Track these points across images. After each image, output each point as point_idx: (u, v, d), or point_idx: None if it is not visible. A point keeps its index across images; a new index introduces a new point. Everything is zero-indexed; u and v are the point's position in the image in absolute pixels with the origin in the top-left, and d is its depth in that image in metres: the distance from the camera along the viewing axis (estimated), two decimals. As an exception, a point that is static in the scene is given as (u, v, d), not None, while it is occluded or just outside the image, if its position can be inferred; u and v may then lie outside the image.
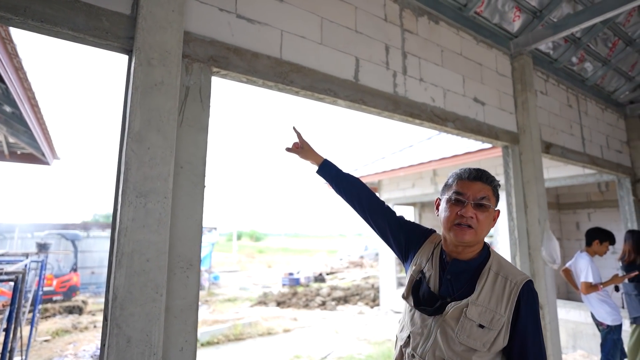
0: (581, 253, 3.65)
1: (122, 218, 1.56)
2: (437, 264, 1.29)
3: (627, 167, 5.89)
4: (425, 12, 3.24)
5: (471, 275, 1.21)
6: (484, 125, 3.48)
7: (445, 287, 1.24)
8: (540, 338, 1.13)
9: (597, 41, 4.66)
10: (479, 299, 1.15)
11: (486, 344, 1.10)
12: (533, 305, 1.14)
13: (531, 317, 1.12)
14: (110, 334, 1.48)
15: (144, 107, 1.67)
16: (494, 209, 1.26)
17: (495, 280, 1.17)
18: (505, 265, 1.22)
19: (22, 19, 1.56)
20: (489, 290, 1.16)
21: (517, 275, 1.18)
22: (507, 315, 1.11)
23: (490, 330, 1.11)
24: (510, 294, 1.13)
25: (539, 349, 1.11)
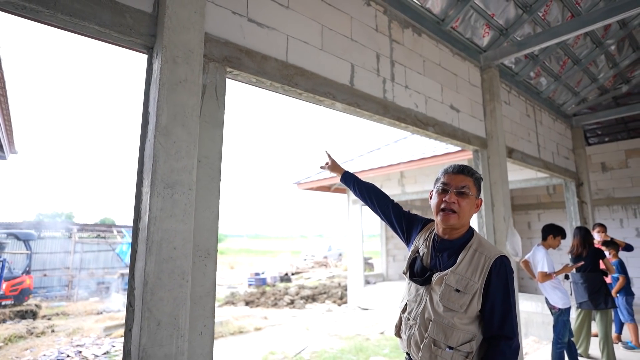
0: (538, 246, 4.09)
1: (151, 208, 1.64)
2: (430, 244, 1.55)
3: (573, 172, 6.58)
4: (410, 24, 3.51)
5: (455, 251, 1.44)
6: (459, 131, 3.82)
7: (434, 262, 1.49)
8: (510, 301, 1.31)
9: (551, 59, 5.22)
10: (457, 269, 1.37)
11: (462, 305, 1.32)
12: (503, 275, 1.33)
13: (501, 284, 1.32)
14: (142, 317, 1.55)
15: (170, 103, 1.76)
16: (475, 197, 1.49)
17: (473, 255, 1.39)
18: (485, 244, 1.44)
19: (52, 12, 1.59)
20: (467, 262, 1.38)
21: (492, 251, 1.39)
22: (480, 282, 1.33)
23: (465, 294, 1.33)
24: (484, 266, 1.35)
25: (508, 309, 1.30)
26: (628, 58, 5.81)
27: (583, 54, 5.36)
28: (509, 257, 1.35)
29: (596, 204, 7.97)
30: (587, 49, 5.29)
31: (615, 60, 5.78)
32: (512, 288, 1.34)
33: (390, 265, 11.04)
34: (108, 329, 7.57)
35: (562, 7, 4.37)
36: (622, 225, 7.90)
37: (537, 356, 4.91)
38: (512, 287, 1.34)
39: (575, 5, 4.37)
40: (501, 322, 1.30)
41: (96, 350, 6.39)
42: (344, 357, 5.93)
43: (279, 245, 47.70)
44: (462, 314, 1.32)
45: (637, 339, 4.75)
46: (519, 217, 9.44)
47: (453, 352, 1.32)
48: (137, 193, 1.79)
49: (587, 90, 6.36)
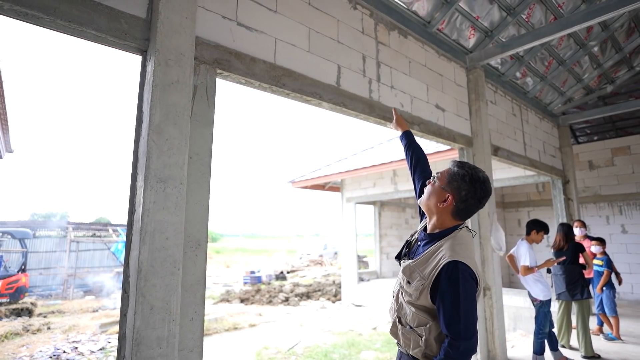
0: (521, 241, 4.23)
1: (145, 200, 1.76)
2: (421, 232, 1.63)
3: (559, 170, 6.75)
4: (396, 26, 3.64)
5: (428, 244, 1.47)
6: (444, 129, 3.96)
7: (414, 248, 1.57)
8: (457, 303, 1.29)
9: (536, 60, 5.37)
10: (415, 262, 1.43)
11: (412, 294, 1.39)
12: (454, 279, 1.31)
13: (448, 287, 1.31)
14: (136, 302, 1.67)
15: (162, 103, 1.87)
16: (440, 189, 1.47)
17: (433, 253, 1.41)
18: (452, 246, 1.39)
19: (52, 18, 1.71)
20: (425, 259, 1.41)
21: (448, 254, 1.35)
22: (428, 281, 1.35)
23: (412, 287, 1.39)
24: (435, 267, 1.35)
25: (455, 313, 1.29)
26: (611, 59, 5.97)
27: (567, 55, 5.52)
28: (471, 265, 1.35)
29: (583, 201, 8.16)
30: (571, 50, 5.45)
31: (599, 61, 5.94)
32: (465, 293, 1.30)
33: (384, 262, 11.18)
34: (104, 325, 7.66)
35: (545, 10, 4.52)
36: (608, 222, 8.09)
37: (523, 348, 5.06)
38: (466, 291, 1.30)
39: (558, 8, 4.52)
40: (447, 323, 1.30)
41: (92, 347, 6.48)
42: (336, 351, 6.07)
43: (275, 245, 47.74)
44: (415, 301, 1.39)
45: (617, 331, 4.92)
46: (509, 215, 9.61)
47: (412, 331, 1.43)
48: (131, 187, 1.90)
49: (573, 90, 6.53)
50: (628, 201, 7.86)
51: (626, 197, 7.80)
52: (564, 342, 4.63)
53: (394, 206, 11.57)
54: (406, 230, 11.85)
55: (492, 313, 4.06)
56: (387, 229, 11.44)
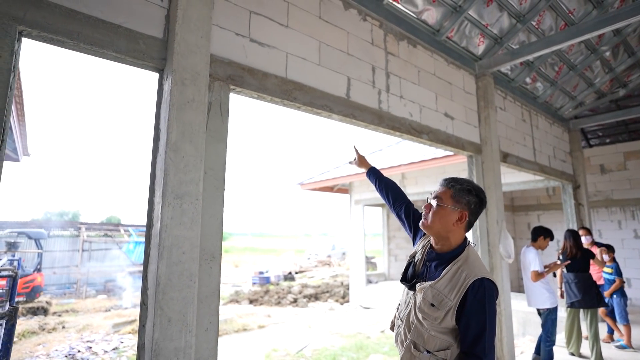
0: (528, 247, 4.22)
1: (162, 216, 1.83)
2: (425, 252, 1.63)
3: (570, 175, 6.70)
4: (405, 36, 3.67)
5: (442, 264, 1.47)
6: (453, 137, 3.98)
7: (423, 269, 1.55)
8: (484, 323, 1.31)
9: (546, 65, 5.35)
10: (437, 285, 1.40)
11: (437, 318, 1.37)
12: (481, 296, 1.33)
13: (477, 306, 1.32)
14: (155, 315, 1.75)
15: (179, 121, 1.94)
16: (450, 209, 1.48)
17: (455, 272, 1.40)
18: (471, 263, 1.42)
19: (75, 42, 1.79)
20: (448, 279, 1.40)
21: (473, 271, 1.38)
22: (455, 301, 1.34)
23: (438, 310, 1.36)
24: (462, 285, 1.35)
25: (482, 330, 1.31)
26: (624, 63, 5.91)
27: (578, 60, 5.48)
28: (493, 280, 1.38)
29: (595, 205, 8.08)
30: (582, 55, 5.41)
31: (611, 66, 5.88)
32: (490, 310, 1.33)
33: (392, 264, 11.20)
34: (116, 325, 7.83)
35: (556, 17, 4.50)
36: (620, 226, 8.00)
37: (532, 353, 5.05)
38: (491, 309, 1.34)
39: (569, 14, 4.50)
40: (473, 341, 1.32)
41: (105, 346, 6.64)
42: (345, 354, 6.12)
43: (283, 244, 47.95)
44: (437, 325, 1.38)
45: (629, 339, 4.88)
46: (519, 218, 9.55)
47: (430, 356, 1.39)
48: (149, 202, 1.98)
49: (584, 94, 6.47)
50: (641, 206, 7.76)
51: (639, 202, 7.70)
52: (574, 350, 4.61)
53: (403, 208, 11.55)
54: (414, 232, 11.82)
55: (500, 320, 4.08)
56: (395, 231, 11.45)
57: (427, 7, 3.71)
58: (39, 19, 1.69)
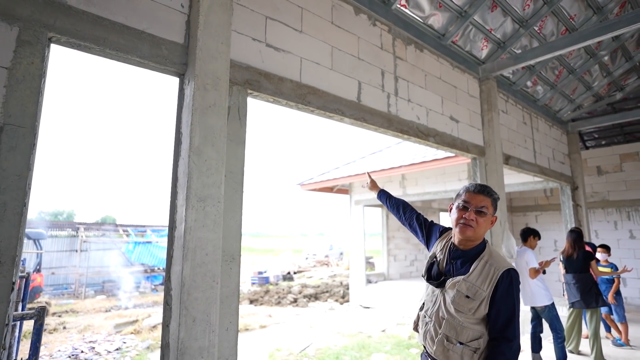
0: (522, 248, 4.32)
1: (187, 219, 1.87)
2: (447, 252, 1.73)
3: (568, 176, 6.81)
4: (413, 41, 3.74)
5: (468, 260, 1.60)
6: (458, 140, 4.05)
7: (448, 267, 1.66)
8: (513, 308, 1.47)
9: (547, 69, 5.44)
10: (469, 278, 1.53)
11: (471, 309, 1.50)
12: (509, 285, 1.49)
13: (506, 293, 1.48)
14: (180, 315, 1.79)
15: (201, 126, 1.99)
16: (491, 215, 1.64)
17: (484, 266, 1.55)
18: (496, 256, 1.59)
19: (101, 48, 1.82)
20: (478, 272, 1.53)
21: (501, 264, 1.54)
22: (487, 291, 1.49)
23: (474, 300, 1.49)
24: (492, 277, 1.50)
25: (512, 315, 1.47)
26: (621, 67, 6.02)
27: (578, 64, 5.58)
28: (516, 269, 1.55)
29: (591, 206, 8.21)
30: (582, 59, 5.51)
31: (609, 70, 6.00)
32: (517, 297, 1.50)
33: (392, 264, 11.28)
34: (118, 326, 7.82)
35: (557, 22, 4.59)
36: (616, 227, 8.13)
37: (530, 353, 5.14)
38: (517, 296, 1.50)
39: (570, 20, 4.59)
40: (504, 325, 1.45)
41: (108, 347, 6.64)
42: (348, 353, 6.18)
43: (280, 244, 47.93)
44: (471, 315, 1.50)
45: (626, 336, 4.99)
46: (517, 219, 9.67)
47: (463, 347, 1.51)
48: (171, 205, 2.02)
49: (583, 97, 6.58)
50: (636, 207, 7.89)
51: (634, 203, 7.83)
52: (573, 347, 4.71)
53: (402, 209, 11.64)
54: (413, 232, 11.91)
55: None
56: (395, 231, 11.53)
57: (433, 12, 3.78)
58: (68, 26, 1.73)
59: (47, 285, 12.15)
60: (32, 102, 1.61)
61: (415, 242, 11.96)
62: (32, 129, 1.60)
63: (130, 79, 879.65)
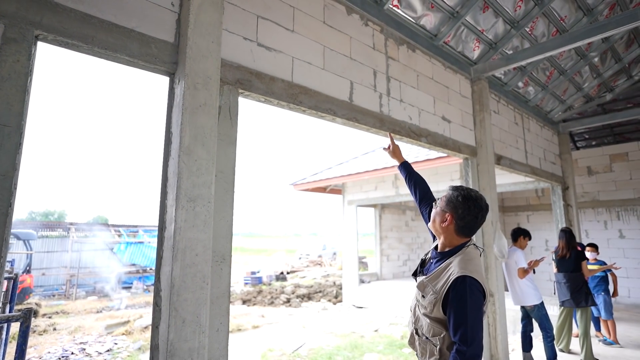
0: (514, 248, 4.36)
1: (176, 219, 1.86)
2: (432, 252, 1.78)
3: (559, 177, 6.88)
4: (405, 41, 3.75)
5: (441, 262, 1.62)
6: (450, 140, 4.07)
7: (427, 266, 1.73)
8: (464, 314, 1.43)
9: (538, 70, 5.49)
10: (428, 278, 1.59)
11: (427, 306, 1.55)
12: (461, 292, 1.46)
13: (457, 300, 1.46)
14: (170, 316, 1.77)
15: (191, 125, 1.97)
16: (441, 210, 1.66)
17: (444, 269, 1.56)
18: (462, 261, 1.55)
19: (90, 46, 1.80)
20: (437, 274, 1.57)
21: (457, 270, 1.51)
22: (439, 294, 1.51)
23: (427, 300, 1.55)
24: (446, 281, 1.51)
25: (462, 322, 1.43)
26: (611, 69, 6.10)
27: (568, 65, 5.65)
28: (479, 279, 1.51)
29: (582, 206, 8.31)
30: (572, 60, 5.57)
31: (599, 71, 6.07)
32: (471, 304, 1.45)
33: (385, 264, 11.31)
34: (109, 327, 7.74)
35: (548, 23, 4.64)
36: (606, 227, 8.24)
37: (522, 352, 5.19)
38: (473, 303, 1.45)
39: (560, 22, 4.64)
40: (455, 330, 1.45)
41: (99, 348, 6.57)
42: (340, 353, 6.18)
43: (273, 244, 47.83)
44: (429, 313, 1.55)
45: (615, 335, 5.06)
46: (509, 219, 9.75)
47: (427, 341, 1.58)
48: (161, 205, 2.00)
49: (573, 98, 6.66)
50: (626, 207, 8.01)
51: (624, 203, 7.95)
52: (563, 346, 4.76)
53: (395, 209, 11.69)
54: (406, 232, 11.98)
55: (495, 319, 4.18)
56: (388, 231, 11.56)
57: (426, 12, 3.79)
58: (55, 24, 1.70)
59: (37, 286, 11.99)
60: (17, 101, 1.59)
61: (408, 242, 12.00)
62: (18, 128, 1.58)
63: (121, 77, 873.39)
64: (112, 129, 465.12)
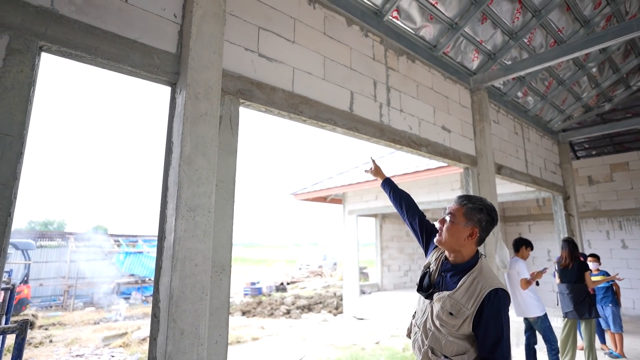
0: (514, 258, 4.33)
1: (176, 229, 1.84)
2: (439, 263, 1.70)
3: (560, 186, 6.87)
4: (405, 52, 3.78)
5: (458, 274, 1.56)
6: (450, 150, 4.07)
7: (439, 279, 1.63)
8: (502, 327, 1.41)
9: (537, 80, 5.53)
10: (455, 294, 1.50)
11: (454, 326, 1.47)
12: (496, 305, 1.43)
13: (493, 313, 1.42)
14: (168, 327, 1.75)
15: (192, 135, 1.97)
16: (462, 225, 1.57)
17: (472, 283, 1.50)
18: (486, 273, 1.52)
19: (92, 57, 1.82)
20: (464, 289, 1.49)
21: (488, 282, 1.48)
22: (472, 309, 1.44)
23: (457, 318, 1.46)
24: (478, 295, 1.45)
25: (500, 336, 1.40)
26: (609, 79, 6.15)
27: (567, 75, 5.69)
28: (505, 289, 1.48)
29: (583, 216, 8.28)
30: (571, 71, 5.61)
31: (597, 81, 6.11)
32: (505, 317, 1.43)
33: (385, 275, 11.22)
34: (106, 339, 7.65)
35: (546, 34, 4.68)
36: (609, 237, 8.20)
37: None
38: (506, 316, 1.44)
39: (558, 32, 4.69)
40: (493, 346, 1.40)
41: (96, 360, 6.49)
42: (341, 366, 6.09)
43: (273, 254, 47.55)
44: (455, 331, 1.47)
45: (622, 348, 4.98)
46: (510, 229, 9.71)
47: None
48: (161, 215, 1.99)
49: (572, 108, 6.69)
50: (628, 217, 7.97)
51: (626, 213, 7.92)
52: (568, 359, 4.68)
53: (395, 218, 11.66)
54: (407, 242, 11.92)
55: (497, 330, 4.12)
56: (389, 241, 11.50)
57: (425, 23, 3.83)
58: (60, 35, 1.72)
59: (35, 297, 11.89)
60: (20, 111, 1.59)
61: (409, 252, 11.93)
62: (19, 137, 1.58)
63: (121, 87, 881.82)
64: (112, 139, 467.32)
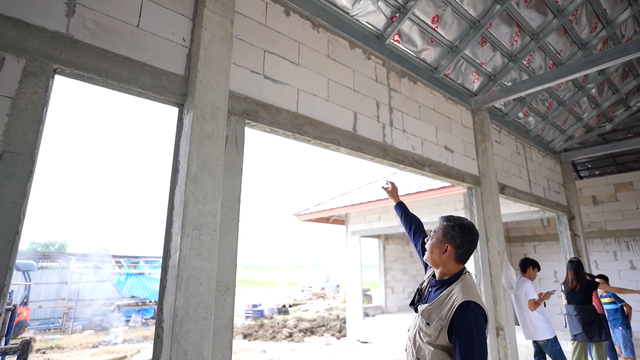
0: (521, 279, 4.26)
1: (181, 247, 1.85)
2: (429, 280, 1.81)
3: (564, 206, 6.84)
4: (406, 74, 3.86)
5: (440, 289, 1.67)
6: (453, 170, 4.09)
7: (426, 294, 1.77)
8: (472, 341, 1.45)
9: (537, 101, 5.60)
10: (431, 306, 1.62)
11: (432, 335, 1.57)
12: (467, 318, 1.48)
13: (463, 326, 1.47)
14: (171, 348, 1.72)
15: (199, 154, 2.01)
16: (437, 242, 1.72)
17: (447, 296, 1.60)
18: (464, 288, 1.59)
19: (104, 79, 1.87)
20: (440, 301, 1.61)
21: (461, 296, 1.54)
22: (445, 321, 1.53)
23: (431, 328, 1.57)
24: (450, 308, 1.54)
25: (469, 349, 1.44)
26: (609, 100, 6.22)
27: (567, 96, 5.76)
28: (481, 304, 1.53)
29: (589, 236, 8.18)
30: (570, 92, 5.69)
31: (597, 102, 6.18)
32: (477, 330, 1.46)
33: (389, 297, 11.03)
34: (105, 363, 7.48)
35: (544, 56, 4.78)
36: (616, 257, 8.07)
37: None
38: (478, 329, 1.47)
39: (556, 55, 4.79)
40: (463, 357, 1.44)
41: (94, 385, 6.32)
42: (345, 391, 5.91)
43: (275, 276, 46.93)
44: (433, 341, 1.56)
45: (634, 372, 4.83)
46: (515, 249, 9.59)
47: None
48: (166, 233, 2.00)
49: (574, 128, 6.74)
50: (634, 237, 7.88)
51: (632, 233, 7.83)
52: (580, 384, 4.53)
53: (399, 239, 11.56)
54: (410, 263, 11.77)
55: (506, 354, 4.02)
56: (392, 262, 11.37)
57: (426, 46, 3.93)
58: (73, 58, 1.78)
59: (34, 319, 11.71)
60: (32, 131, 1.63)
61: (412, 273, 11.77)
62: (30, 156, 1.61)
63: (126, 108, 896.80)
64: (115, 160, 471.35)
